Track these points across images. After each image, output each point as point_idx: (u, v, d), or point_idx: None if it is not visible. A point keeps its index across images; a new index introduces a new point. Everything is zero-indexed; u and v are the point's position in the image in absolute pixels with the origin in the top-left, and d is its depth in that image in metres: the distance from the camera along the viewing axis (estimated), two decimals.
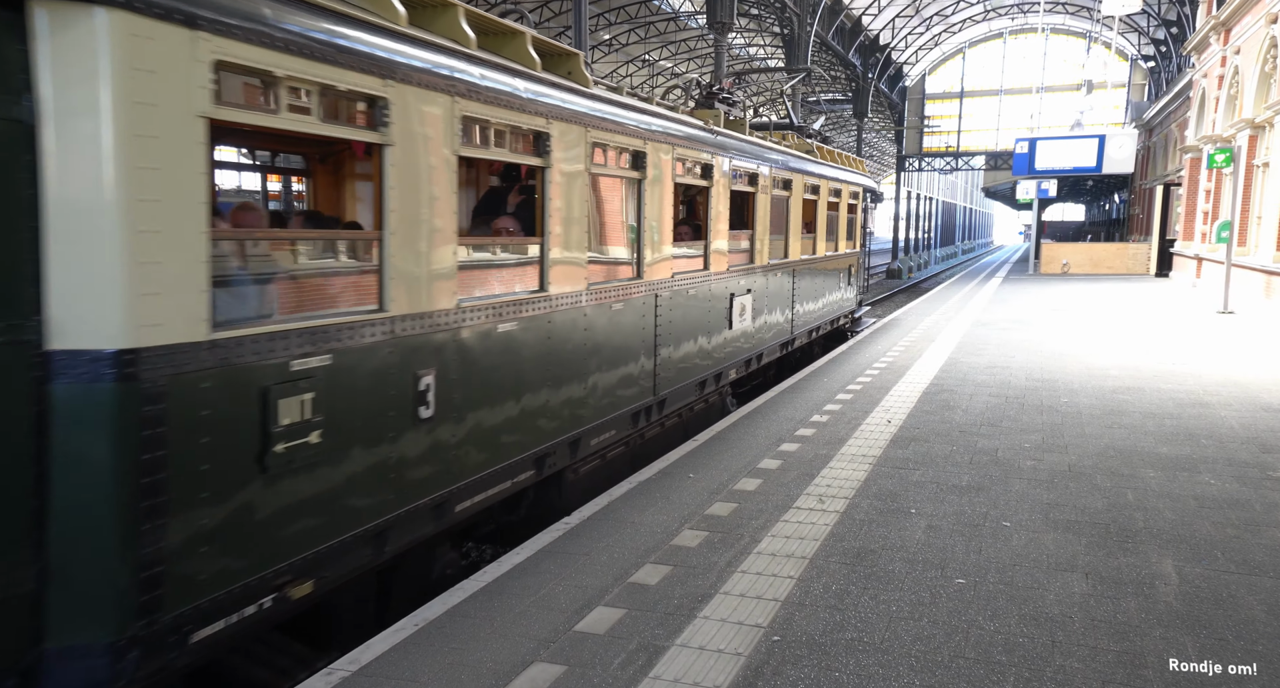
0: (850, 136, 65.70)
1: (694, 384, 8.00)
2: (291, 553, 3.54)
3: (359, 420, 3.83)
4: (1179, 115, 30.74)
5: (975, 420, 7.91)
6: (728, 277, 8.66)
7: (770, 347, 10.39)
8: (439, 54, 4.33)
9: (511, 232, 5.67)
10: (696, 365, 8.02)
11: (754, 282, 9.52)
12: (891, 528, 5.12)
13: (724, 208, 8.43)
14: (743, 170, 8.97)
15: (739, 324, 9.06)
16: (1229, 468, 6.39)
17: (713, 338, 8.42)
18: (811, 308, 12.27)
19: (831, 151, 14.01)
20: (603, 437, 6.32)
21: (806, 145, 12.76)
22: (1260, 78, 19.47)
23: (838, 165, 13.73)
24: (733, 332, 8.91)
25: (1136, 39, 43.58)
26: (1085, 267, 31.40)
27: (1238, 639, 3.74)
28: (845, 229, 14.21)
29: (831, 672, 3.47)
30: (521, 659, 3.58)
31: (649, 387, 7.01)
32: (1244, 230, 19.67)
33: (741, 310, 9.09)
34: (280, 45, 3.32)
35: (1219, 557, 4.69)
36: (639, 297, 6.75)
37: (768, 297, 10.09)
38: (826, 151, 13.63)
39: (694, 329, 7.92)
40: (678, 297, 7.48)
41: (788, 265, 10.87)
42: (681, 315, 7.56)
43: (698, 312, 7.97)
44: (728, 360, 8.87)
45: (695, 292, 7.88)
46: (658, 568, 4.54)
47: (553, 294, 5.45)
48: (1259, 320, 16.16)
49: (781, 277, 10.65)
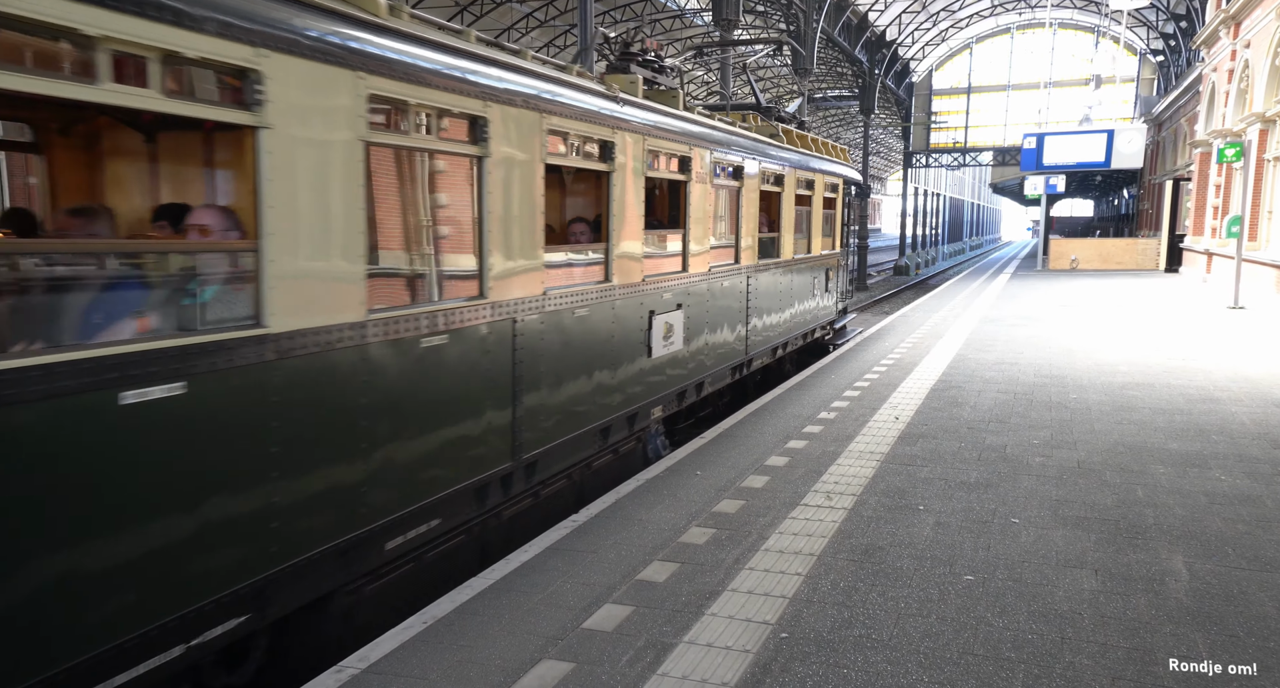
0: (857, 133, 65.57)
1: (591, 433, 6.19)
2: None
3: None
4: (1188, 110, 30.57)
5: (984, 417, 7.89)
6: (644, 290, 6.84)
7: (717, 372, 8.60)
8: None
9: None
10: (595, 408, 6.21)
11: (688, 294, 7.68)
12: (900, 525, 5.11)
13: (635, 201, 6.59)
14: (669, 153, 7.17)
15: (664, 349, 7.19)
16: (1240, 464, 6.36)
17: (621, 370, 6.56)
18: (775, 321, 10.35)
19: (805, 136, 11.92)
20: (414, 532, 4.40)
21: (769, 128, 10.64)
22: (1271, 71, 19.34)
23: (811, 153, 11.69)
24: (655, 359, 7.08)
25: (1145, 33, 43.33)
26: (1094, 262, 31.28)
27: (1249, 636, 3.72)
28: (821, 226, 12.18)
29: (840, 669, 3.47)
30: (530, 657, 3.58)
31: (504, 449, 5.09)
32: (1254, 225, 19.56)
33: (667, 332, 7.24)
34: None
35: (1230, 553, 4.66)
36: (479, 326, 4.78)
37: (710, 312, 8.24)
38: (797, 136, 11.51)
39: (587, 362, 6.07)
40: (555, 321, 5.55)
41: (739, 272, 8.99)
42: (562, 346, 5.68)
43: (595, 338, 6.15)
44: (648, 396, 7.05)
45: (587, 312, 5.99)
46: (665, 565, 4.54)
47: (276, 331, 3.49)
48: (1270, 316, 16.05)
49: (731, 286, 8.77)
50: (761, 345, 9.91)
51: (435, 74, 4.30)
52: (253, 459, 3.45)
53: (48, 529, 2.79)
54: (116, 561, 2.98)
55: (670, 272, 7.39)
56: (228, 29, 3.23)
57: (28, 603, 2.75)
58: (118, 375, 2.94)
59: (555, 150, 5.57)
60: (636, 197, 6.59)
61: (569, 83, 5.67)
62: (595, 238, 6.49)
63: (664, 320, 7.16)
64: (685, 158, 7.41)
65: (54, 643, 2.81)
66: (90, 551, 2.90)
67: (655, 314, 7.01)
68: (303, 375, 3.64)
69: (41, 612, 2.78)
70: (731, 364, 8.99)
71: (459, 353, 4.65)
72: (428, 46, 4.32)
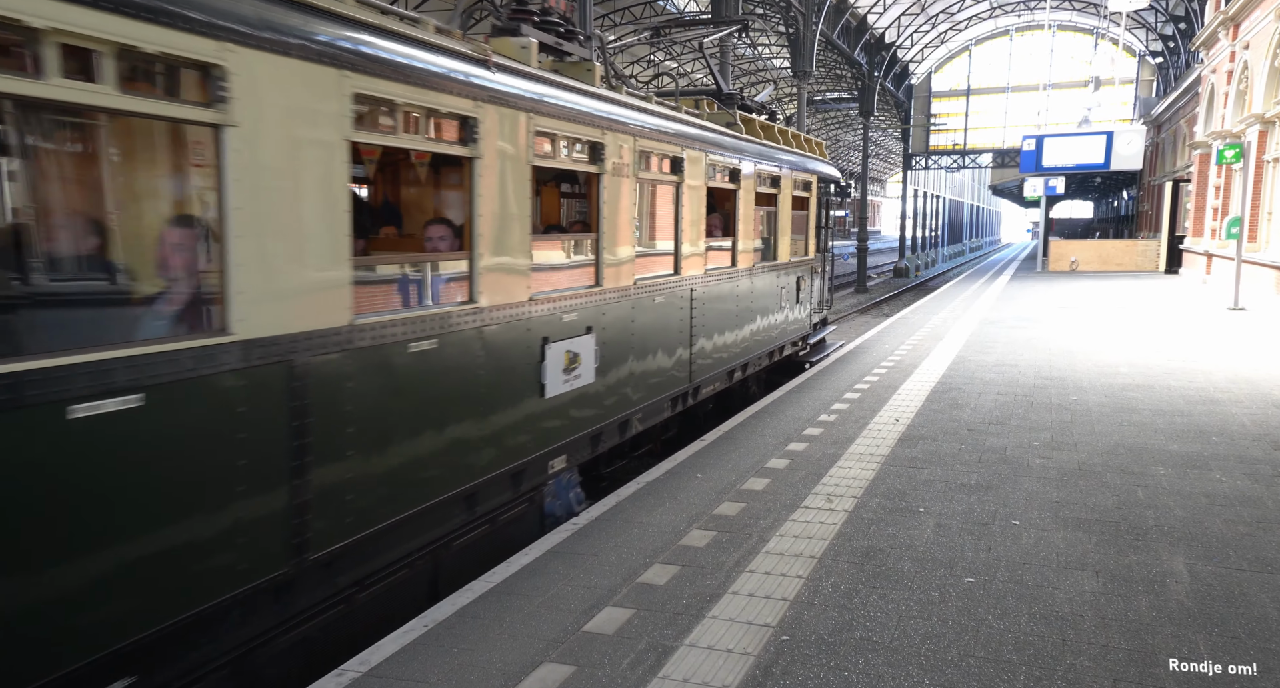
0: (856, 135, 65.64)
1: (446, 504, 4.62)
2: None
3: None
4: (1188, 111, 30.61)
5: (984, 419, 7.89)
6: (532, 312, 5.25)
7: (651, 406, 7.04)
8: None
9: None
10: (450, 472, 4.64)
11: (602, 314, 6.12)
12: (900, 527, 5.11)
13: (518, 198, 5.09)
14: (572, 138, 5.73)
15: (565, 385, 5.66)
16: (1240, 465, 6.36)
17: (498, 417, 4.98)
18: (729, 340, 8.82)
19: (772, 128, 10.47)
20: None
21: (725, 116, 9.25)
22: (1270, 72, 19.36)
23: (778, 146, 10.22)
24: (552, 399, 5.52)
25: (1144, 35, 43.40)
26: (1094, 264, 31.31)
27: (1250, 637, 3.72)
28: (790, 229, 10.56)
29: (841, 671, 3.46)
30: (531, 660, 3.58)
31: (272, 550, 3.55)
32: (1254, 226, 19.57)
33: (570, 363, 5.72)
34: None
35: (1231, 554, 4.66)
36: (219, 377, 3.25)
37: (639, 335, 6.72)
38: (760, 126, 10.09)
39: (436, 412, 4.50)
40: (372, 361, 4.01)
41: (680, 285, 7.43)
42: (388, 394, 4.13)
43: (449, 379, 4.58)
44: (543, 445, 5.49)
45: (434, 345, 4.40)
46: (666, 568, 4.53)
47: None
48: (1270, 317, 16.06)
49: (670, 302, 7.26)
50: (712, 370, 8.38)
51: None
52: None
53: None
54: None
55: (576, 287, 5.91)
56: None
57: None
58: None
59: (372, 125, 4.11)
60: (519, 192, 5.08)
61: (400, 35, 4.20)
62: (458, 245, 5.03)
63: (564, 349, 5.65)
64: (597, 144, 5.96)
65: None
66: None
67: (551, 342, 5.47)
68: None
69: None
70: (672, 395, 7.47)
71: (183, 420, 3.14)
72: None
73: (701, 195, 7.78)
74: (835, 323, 22.11)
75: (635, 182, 6.49)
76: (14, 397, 2.63)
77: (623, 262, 6.40)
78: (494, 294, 4.92)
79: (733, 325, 8.91)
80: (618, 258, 6.33)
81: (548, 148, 5.55)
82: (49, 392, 2.71)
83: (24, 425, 2.68)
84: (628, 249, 6.47)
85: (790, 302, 10.96)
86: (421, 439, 4.40)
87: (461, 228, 5.01)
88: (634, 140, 6.40)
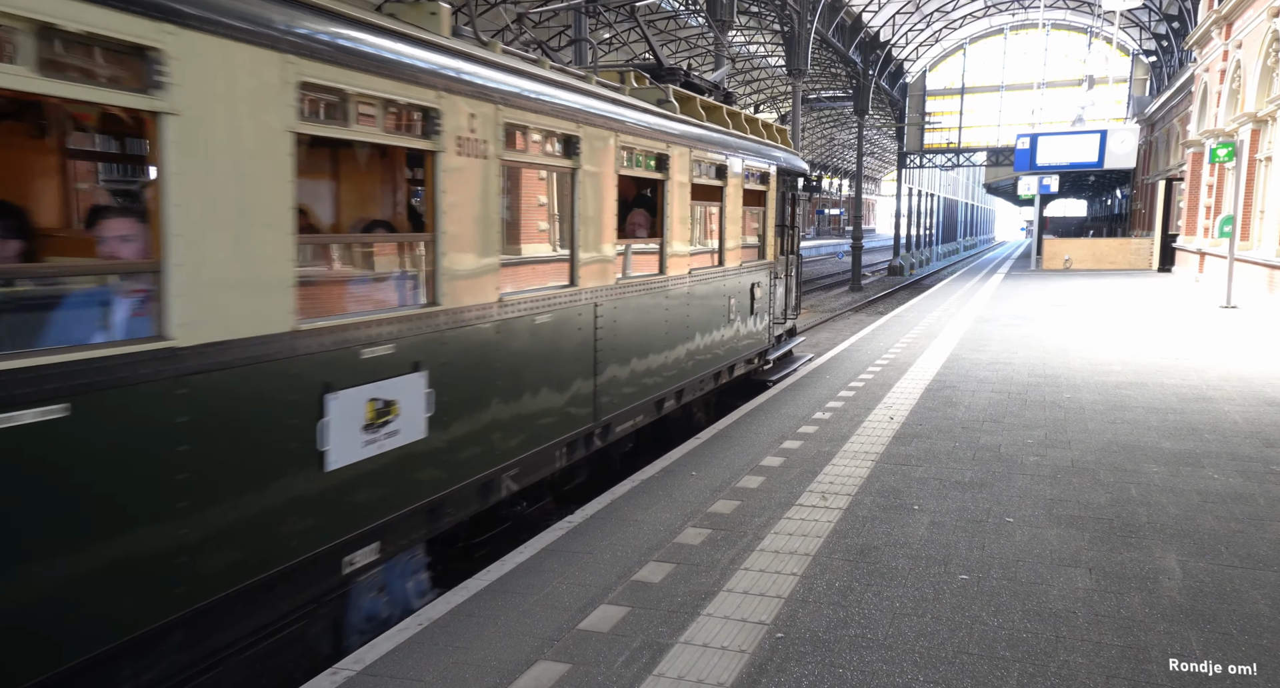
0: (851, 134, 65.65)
1: (240, 616, 3.48)
2: None
3: None
4: (1181, 110, 30.70)
5: (978, 416, 7.90)
6: (298, 348, 3.57)
7: (530, 458, 5.40)
8: None
9: None
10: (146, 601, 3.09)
11: (442, 345, 4.47)
12: (894, 524, 5.12)
13: (278, 181, 3.48)
14: (387, 101, 4.03)
15: (368, 448, 3.98)
16: (1232, 463, 6.38)
17: (251, 500, 3.42)
18: (655, 365, 7.20)
19: (719, 108, 8.80)
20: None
21: (655, 93, 7.59)
22: (1263, 72, 19.43)
23: (727, 131, 8.63)
24: (341, 470, 3.82)
25: (1138, 34, 43.48)
26: (1087, 262, 31.40)
27: (1242, 634, 3.74)
28: (741, 228, 9.03)
29: (835, 668, 3.47)
30: (526, 658, 3.58)
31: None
32: (1246, 225, 19.66)
33: (377, 417, 4.04)
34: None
35: (1223, 551, 4.68)
36: None
37: (504, 370, 5.05)
38: (705, 106, 8.45)
39: (119, 516, 2.94)
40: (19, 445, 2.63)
41: (576, 300, 5.85)
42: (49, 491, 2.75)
43: (127, 466, 2.97)
44: (330, 538, 3.83)
45: (56, 416, 2.70)
46: (661, 566, 4.54)
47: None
48: (1262, 315, 16.13)
49: (559, 323, 5.65)
50: (629, 402, 6.75)
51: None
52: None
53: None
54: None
55: (389, 310, 4.33)
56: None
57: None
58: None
59: (44, 71, 2.69)
60: (279, 173, 3.46)
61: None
62: (146, 254, 3.30)
63: (363, 398, 3.95)
64: (432, 112, 4.30)
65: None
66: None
67: (334, 390, 3.76)
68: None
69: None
70: (567, 438, 5.86)
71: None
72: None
73: (611, 186, 6.25)
74: (825, 324, 22.14)
75: (498, 164, 4.88)
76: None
77: (477, 272, 4.76)
78: (220, 325, 3.22)
79: (659, 346, 7.26)
80: (467, 267, 4.66)
81: (338, 114, 3.84)
82: None
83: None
84: (482, 254, 4.79)
85: (742, 313, 9.30)
86: (99, 552, 2.88)
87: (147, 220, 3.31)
88: (495, 109, 4.80)
